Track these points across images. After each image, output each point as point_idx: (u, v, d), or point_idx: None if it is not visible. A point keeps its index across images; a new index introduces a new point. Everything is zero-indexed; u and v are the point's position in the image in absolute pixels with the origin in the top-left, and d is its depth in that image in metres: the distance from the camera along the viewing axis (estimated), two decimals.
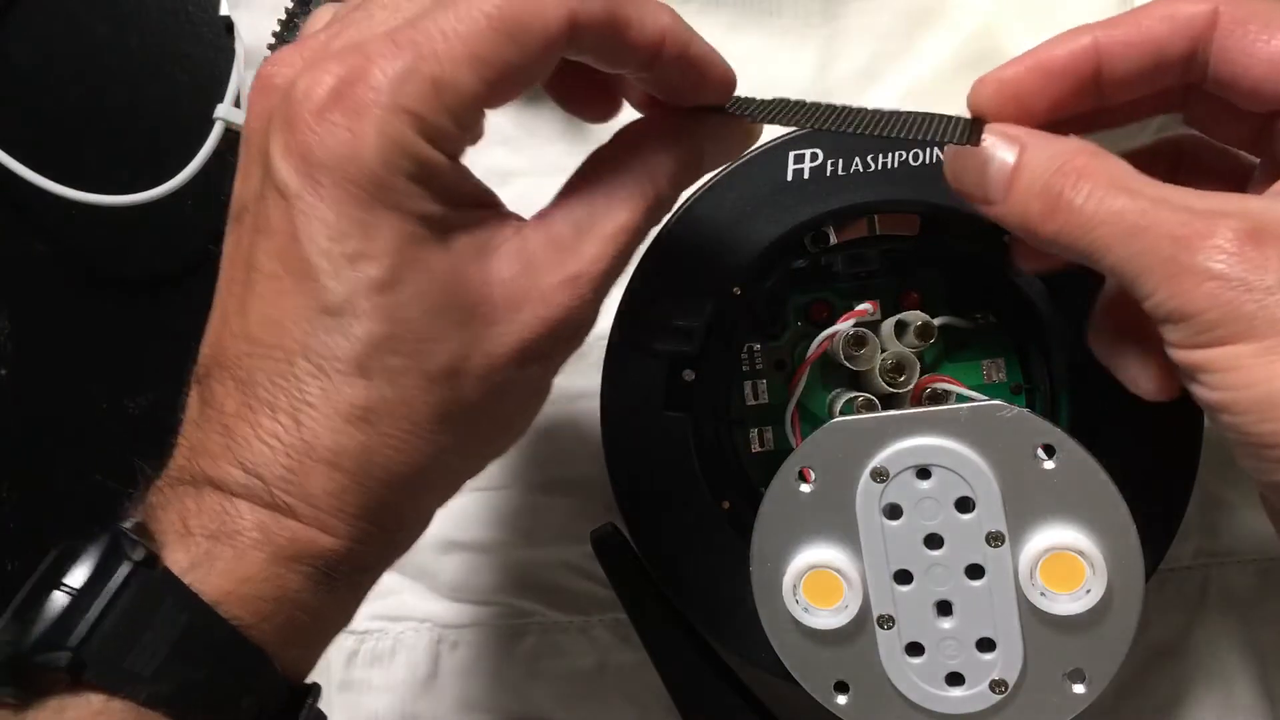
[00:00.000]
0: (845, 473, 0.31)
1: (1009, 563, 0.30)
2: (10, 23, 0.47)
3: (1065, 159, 0.26)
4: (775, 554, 0.31)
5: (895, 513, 0.30)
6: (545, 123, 0.43)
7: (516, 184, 0.43)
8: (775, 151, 0.36)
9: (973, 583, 0.30)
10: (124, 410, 0.46)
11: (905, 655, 0.31)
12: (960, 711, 0.31)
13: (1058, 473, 0.30)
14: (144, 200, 0.44)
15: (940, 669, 0.31)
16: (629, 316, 0.36)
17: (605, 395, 0.36)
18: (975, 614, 0.30)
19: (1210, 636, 0.42)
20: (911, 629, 0.31)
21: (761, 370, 0.39)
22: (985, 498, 0.30)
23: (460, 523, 0.43)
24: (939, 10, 0.42)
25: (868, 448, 0.30)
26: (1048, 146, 0.27)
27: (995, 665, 0.30)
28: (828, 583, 0.30)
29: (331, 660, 0.43)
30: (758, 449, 0.38)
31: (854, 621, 0.31)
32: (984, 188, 0.27)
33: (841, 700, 0.31)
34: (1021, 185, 0.27)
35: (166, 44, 0.47)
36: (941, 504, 0.30)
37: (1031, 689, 0.31)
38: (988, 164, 0.27)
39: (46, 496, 0.47)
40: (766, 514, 0.31)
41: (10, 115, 0.47)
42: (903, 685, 0.31)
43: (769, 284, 0.37)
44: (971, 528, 0.30)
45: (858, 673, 0.31)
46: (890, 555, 0.30)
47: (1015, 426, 0.30)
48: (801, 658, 0.32)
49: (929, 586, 0.30)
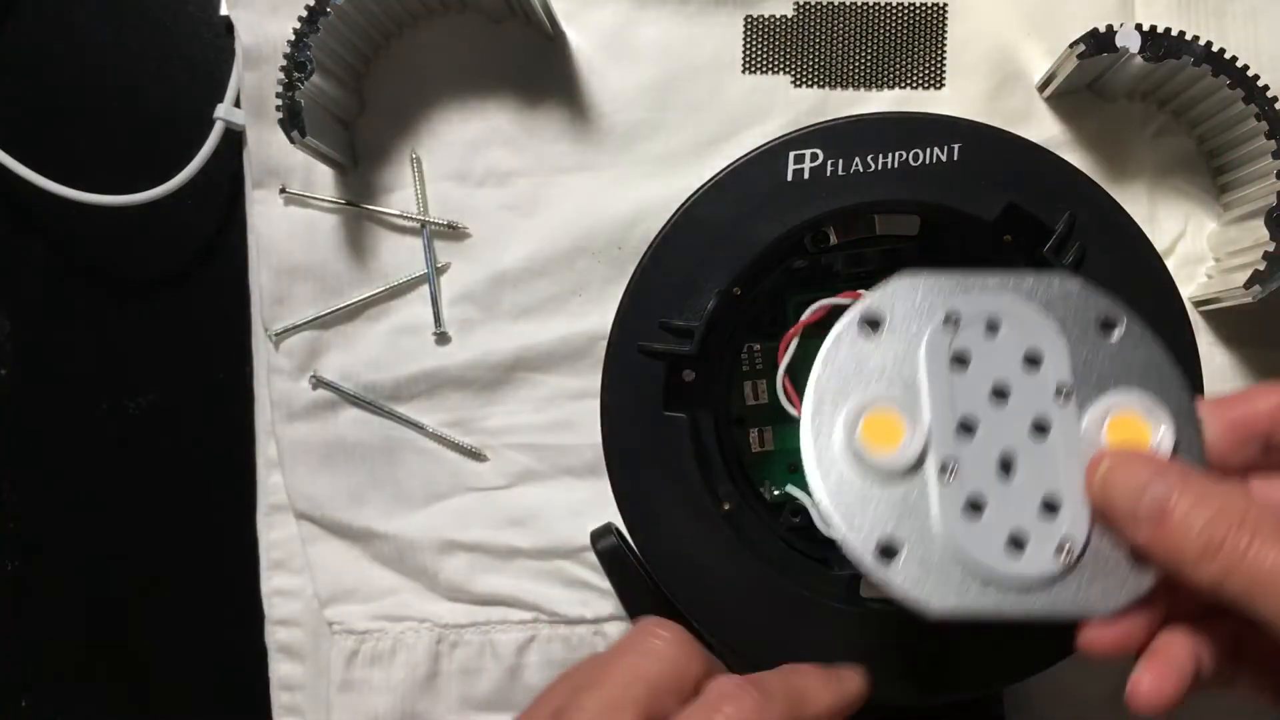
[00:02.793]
0: (913, 321, 0.30)
1: (1075, 422, 0.29)
2: (10, 23, 0.47)
3: (1228, 503, 0.26)
4: (832, 393, 0.30)
5: (962, 362, 0.30)
6: (546, 123, 0.43)
7: (517, 184, 0.43)
8: (775, 151, 0.36)
9: (1038, 441, 0.30)
10: (124, 410, 0.46)
11: (965, 512, 0.29)
12: (1021, 575, 0.28)
13: (1120, 345, 0.30)
14: (144, 200, 0.44)
15: (1001, 530, 0.29)
16: (629, 316, 0.36)
17: (605, 395, 0.36)
18: (1040, 472, 0.29)
19: None
20: (973, 482, 0.29)
21: (761, 370, 0.39)
22: (1053, 352, 0.30)
23: (460, 523, 0.43)
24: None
25: (937, 299, 0.30)
26: (1210, 488, 0.27)
27: (1060, 528, 0.29)
28: (887, 424, 0.29)
29: (332, 660, 0.43)
30: (758, 449, 0.38)
31: (913, 466, 0.29)
32: (1135, 511, 0.27)
33: (889, 566, 0.28)
34: (1176, 521, 0.27)
35: (166, 44, 0.47)
36: (1010, 356, 0.30)
37: (1095, 561, 0.29)
38: (1146, 489, 0.27)
39: (46, 496, 0.47)
40: (828, 353, 0.30)
41: (10, 115, 0.47)
42: (960, 544, 0.28)
43: (769, 284, 0.37)
44: (1039, 382, 0.30)
45: (910, 528, 0.28)
46: (956, 403, 0.29)
47: (1080, 298, 0.30)
48: (850, 503, 0.29)
49: (993, 440, 0.29)
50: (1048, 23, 0.42)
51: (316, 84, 0.39)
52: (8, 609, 0.46)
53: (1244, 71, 0.38)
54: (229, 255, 0.46)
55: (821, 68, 0.43)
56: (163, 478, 0.46)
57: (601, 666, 0.29)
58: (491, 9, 0.42)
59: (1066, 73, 0.40)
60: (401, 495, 0.43)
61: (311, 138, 0.38)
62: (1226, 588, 0.26)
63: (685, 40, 0.43)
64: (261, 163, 0.43)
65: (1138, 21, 0.38)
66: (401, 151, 0.43)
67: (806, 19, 0.43)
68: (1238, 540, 0.26)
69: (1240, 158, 0.40)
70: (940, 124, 0.36)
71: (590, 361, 0.42)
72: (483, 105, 0.43)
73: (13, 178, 0.45)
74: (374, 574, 0.43)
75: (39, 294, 0.47)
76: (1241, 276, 0.38)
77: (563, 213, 0.42)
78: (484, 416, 0.43)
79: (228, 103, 0.44)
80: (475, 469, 0.43)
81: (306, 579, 0.44)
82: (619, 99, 0.42)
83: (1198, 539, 0.26)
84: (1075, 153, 0.42)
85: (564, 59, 0.43)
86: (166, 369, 0.47)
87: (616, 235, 0.42)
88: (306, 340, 0.43)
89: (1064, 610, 0.28)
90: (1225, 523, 0.26)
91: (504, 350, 0.43)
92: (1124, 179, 0.42)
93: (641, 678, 0.28)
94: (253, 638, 0.45)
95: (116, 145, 0.47)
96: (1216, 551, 0.26)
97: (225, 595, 0.45)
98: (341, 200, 0.43)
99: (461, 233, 0.43)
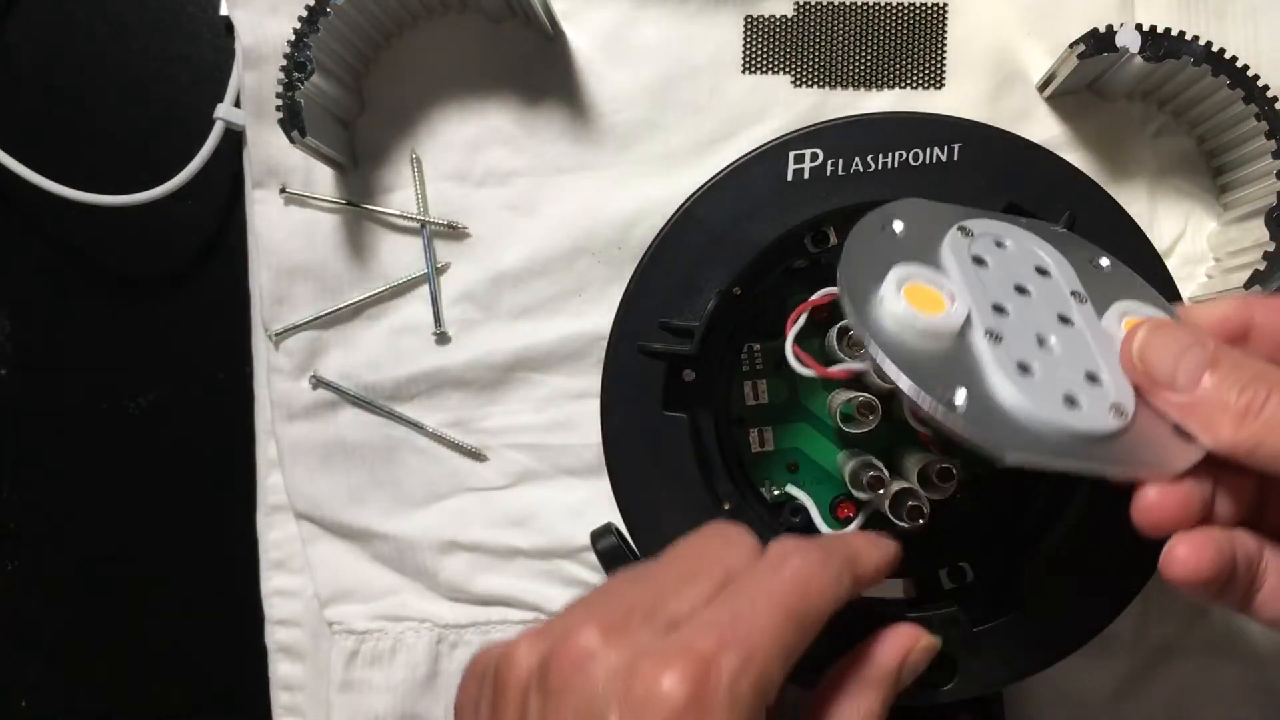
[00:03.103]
0: (928, 225, 0.31)
1: (1095, 319, 0.30)
2: (10, 23, 0.47)
3: (1265, 369, 0.27)
4: (867, 267, 0.29)
5: (981, 262, 0.30)
6: (546, 123, 0.43)
7: (517, 184, 0.43)
8: (775, 151, 0.36)
9: (1067, 327, 0.30)
10: (124, 410, 0.46)
11: (1017, 370, 0.28)
12: (1082, 429, 0.28)
13: (1110, 273, 0.32)
14: (144, 200, 0.44)
15: (1055, 390, 0.28)
16: (629, 316, 0.36)
17: (605, 395, 0.36)
18: (1076, 351, 0.29)
19: (1210, 636, 0.42)
20: (1018, 350, 0.29)
21: (761, 370, 0.39)
22: (1059, 268, 0.31)
23: (460, 523, 0.43)
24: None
25: (948, 214, 0.31)
26: (1244, 356, 0.27)
27: (1109, 394, 0.29)
28: (928, 294, 0.29)
29: (332, 660, 0.43)
30: (757, 449, 0.38)
31: (961, 329, 0.29)
32: (1174, 371, 0.28)
33: (960, 398, 0.27)
34: (1217, 381, 0.27)
35: (166, 44, 0.47)
36: (1022, 265, 0.31)
37: (1145, 430, 0.29)
38: (1187, 349, 0.28)
39: (46, 496, 0.47)
40: (854, 241, 0.30)
41: (10, 115, 0.47)
42: (1019, 397, 0.28)
43: (769, 284, 0.37)
44: (1054, 286, 0.31)
45: (969, 381, 0.28)
46: (986, 289, 0.30)
47: (1069, 239, 0.33)
48: (906, 357, 0.28)
49: (1027, 322, 0.30)
50: (1048, 23, 0.42)
51: (316, 84, 0.39)
52: (8, 608, 0.46)
53: (1244, 71, 0.38)
54: (229, 255, 0.46)
55: (821, 68, 0.43)
56: (163, 478, 0.46)
57: (683, 572, 0.29)
58: (491, 9, 0.42)
59: (1066, 73, 0.40)
60: (401, 495, 0.43)
61: (311, 138, 0.38)
62: (1265, 448, 0.26)
63: (685, 40, 0.43)
64: (261, 163, 0.43)
65: (1138, 21, 0.38)
66: (401, 151, 0.43)
67: (806, 19, 0.43)
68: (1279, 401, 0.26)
69: (1240, 158, 0.40)
70: (940, 124, 0.36)
71: (590, 361, 0.42)
72: (483, 105, 0.43)
73: (13, 178, 0.45)
74: (374, 574, 0.43)
75: (39, 294, 0.47)
76: (1241, 276, 0.38)
77: (563, 213, 0.43)
78: (484, 416, 0.43)
79: (228, 103, 0.44)
80: (475, 469, 0.43)
81: (306, 579, 0.44)
82: (619, 99, 0.42)
83: (1239, 400, 0.26)
84: (1075, 153, 0.42)
85: (564, 59, 0.43)
86: (166, 369, 0.47)
87: (616, 235, 0.42)
88: (306, 340, 0.43)
89: (1126, 464, 0.28)
90: (1265, 384, 0.26)
91: (504, 350, 0.43)
92: (1124, 179, 0.42)
93: (724, 564, 0.29)
94: (253, 638, 0.45)
95: (116, 145, 0.47)
96: (1259, 411, 0.26)
97: (225, 595, 0.45)
98: (341, 200, 0.43)
99: (461, 233, 0.43)
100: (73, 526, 0.46)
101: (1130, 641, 0.42)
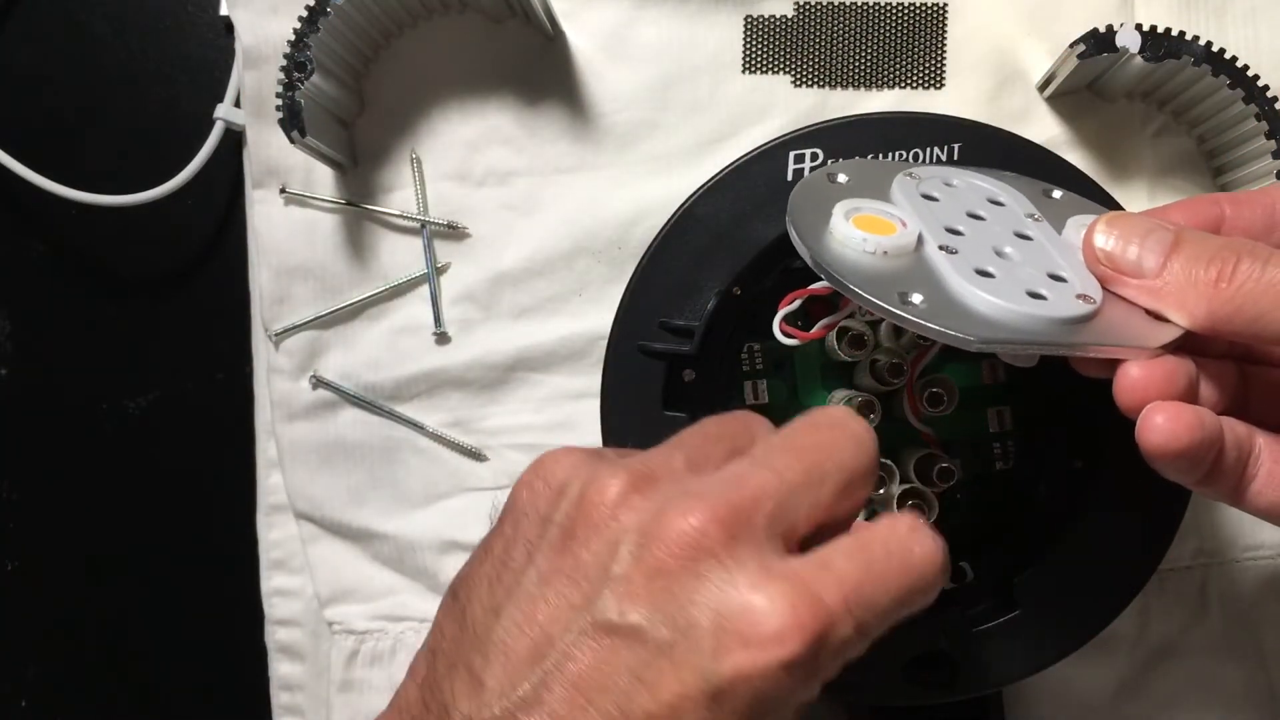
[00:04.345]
0: (873, 174, 0.31)
1: (1054, 232, 0.30)
2: (10, 23, 0.47)
3: (1231, 240, 0.26)
4: (813, 204, 0.29)
5: (931, 199, 0.31)
6: (546, 123, 0.43)
7: (517, 184, 0.43)
8: (775, 151, 0.36)
9: (1024, 241, 0.30)
10: (124, 410, 0.46)
11: (976, 275, 0.28)
12: (1047, 314, 0.27)
13: (1063, 200, 0.33)
14: (144, 200, 0.44)
15: (1017, 287, 0.28)
16: (629, 316, 0.36)
17: (605, 395, 0.36)
18: (1036, 258, 0.29)
19: (1210, 636, 0.42)
20: (975, 259, 0.29)
21: (761, 370, 0.39)
22: (1012, 198, 0.32)
23: (460, 523, 0.43)
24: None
25: (892, 167, 0.32)
26: (1208, 234, 0.27)
27: (1074, 287, 0.28)
28: (877, 221, 0.29)
29: (332, 660, 0.43)
30: None
31: (915, 250, 0.29)
32: (1139, 256, 0.27)
33: (916, 299, 0.27)
34: (1186, 254, 0.27)
35: (166, 44, 0.47)
36: (973, 198, 0.31)
37: (1115, 313, 0.28)
38: (1150, 232, 0.27)
39: (46, 496, 0.47)
40: (800, 194, 0.30)
41: (10, 115, 0.47)
42: (978, 293, 0.28)
43: (769, 284, 0.37)
44: (1008, 212, 0.31)
45: (926, 284, 0.28)
46: (938, 218, 0.30)
47: (1020, 179, 0.33)
48: (856, 272, 0.28)
49: (982, 240, 0.29)
50: (1048, 23, 0.42)
51: (316, 84, 0.39)
52: (8, 609, 0.46)
53: (1244, 71, 0.38)
54: (229, 255, 0.46)
55: (821, 68, 0.43)
56: (163, 478, 0.46)
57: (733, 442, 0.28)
58: (491, 9, 0.42)
59: (1066, 73, 0.40)
60: (401, 495, 0.43)
61: (311, 138, 0.38)
62: (1244, 313, 0.26)
63: (685, 40, 0.42)
64: (261, 163, 0.43)
65: (1138, 21, 0.38)
66: (401, 151, 0.43)
67: (806, 19, 0.43)
68: (1251, 264, 0.26)
69: (1240, 158, 0.40)
70: (940, 124, 0.36)
71: (590, 361, 0.42)
72: (483, 105, 0.43)
73: (13, 178, 0.45)
74: (374, 574, 0.43)
75: (39, 294, 0.47)
76: None
77: (563, 213, 0.42)
78: (484, 416, 0.43)
79: (228, 103, 0.44)
80: (475, 469, 0.43)
81: (306, 579, 0.44)
82: (619, 99, 0.42)
83: (1208, 273, 0.26)
84: (1075, 153, 0.42)
85: (564, 59, 0.43)
86: (166, 369, 0.47)
87: (616, 235, 0.42)
88: (306, 340, 0.43)
89: (1101, 343, 0.27)
90: (1233, 252, 0.26)
91: (504, 350, 0.43)
92: (1124, 179, 0.42)
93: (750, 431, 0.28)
94: (253, 638, 0.45)
95: (116, 145, 0.47)
96: (1230, 277, 0.26)
97: (225, 595, 0.45)
98: (341, 200, 0.43)
99: (461, 233, 0.43)
100: (73, 527, 0.46)
101: (1130, 641, 0.42)
